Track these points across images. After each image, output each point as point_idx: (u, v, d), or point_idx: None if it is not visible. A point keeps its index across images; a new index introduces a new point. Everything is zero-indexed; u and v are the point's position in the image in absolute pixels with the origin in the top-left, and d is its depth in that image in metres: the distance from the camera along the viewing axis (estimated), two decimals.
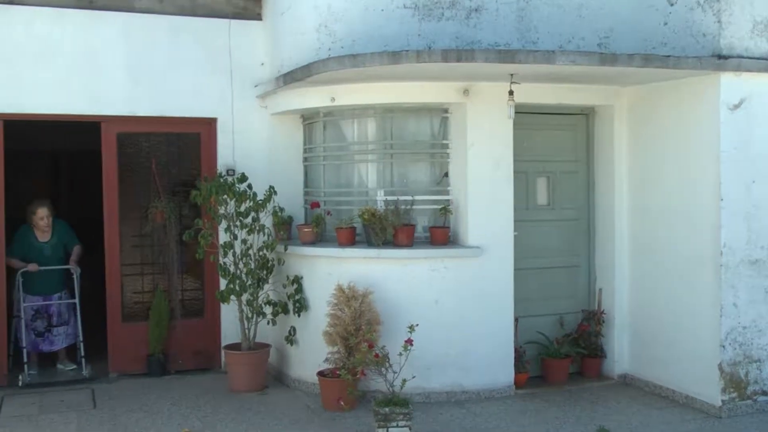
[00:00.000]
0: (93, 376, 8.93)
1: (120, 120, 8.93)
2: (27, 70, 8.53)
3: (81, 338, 9.17)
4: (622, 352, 8.75)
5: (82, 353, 9.08)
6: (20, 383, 8.64)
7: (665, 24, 7.95)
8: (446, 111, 8.38)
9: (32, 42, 8.56)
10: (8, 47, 8.49)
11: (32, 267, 9.05)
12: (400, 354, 6.99)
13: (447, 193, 8.38)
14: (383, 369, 7.02)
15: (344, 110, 8.53)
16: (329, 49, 7.84)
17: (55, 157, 13.99)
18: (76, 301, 9.31)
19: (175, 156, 9.28)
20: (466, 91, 8.08)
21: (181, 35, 8.98)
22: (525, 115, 8.26)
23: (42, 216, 9.19)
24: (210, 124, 9.15)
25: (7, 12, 8.49)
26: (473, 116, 8.12)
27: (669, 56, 7.40)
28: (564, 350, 8.63)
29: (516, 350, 8.31)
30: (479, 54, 7.10)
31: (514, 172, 8.26)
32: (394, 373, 7.00)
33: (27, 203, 9.44)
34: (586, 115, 9.00)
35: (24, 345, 8.97)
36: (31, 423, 7.43)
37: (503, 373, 8.19)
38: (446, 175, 8.40)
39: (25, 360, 8.90)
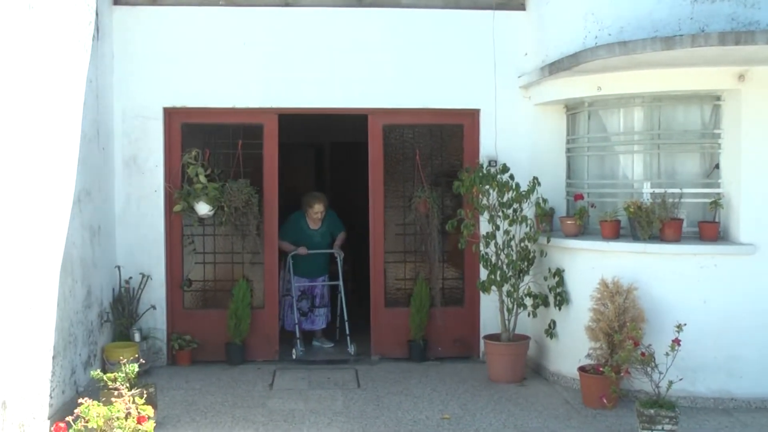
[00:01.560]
0: (357, 354, 9.31)
1: (386, 112, 9.19)
2: (300, 67, 8.97)
3: (347, 318, 9.61)
4: None
5: (348, 332, 9.53)
6: (294, 356, 9.19)
7: None
8: (718, 98, 7.88)
9: (304, 40, 8.99)
10: (283, 46, 8.98)
11: (302, 250, 9.64)
12: (667, 354, 6.68)
13: (717, 186, 7.89)
14: (649, 369, 6.72)
15: (610, 99, 8.26)
16: (596, 36, 7.63)
17: (319, 148, 14.74)
18: (340, 283, 9.79)
19: (437, 147, 9.38)
20: (741, 77, 7.55)
21: (445, 28, 9.07)
22: None
23: (318, 211, 9.78)
24: (473, 115, 9.17)
25: (283, 13, 8.99)
26: (749, 103, 7.58)
27: None
28: None
29: None
30: (760, 35, 6.66)
31: None
32: (660, 373, 6.69)
33: (302, 194, 10.07)
34: None
35: (296, 322, 9.56)
36: (302, 396, 7.85)
37: None
38: (717, 166, 7.90)
39: (297, 336, 9.47)
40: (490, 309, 8.93)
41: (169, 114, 9.01)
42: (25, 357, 6.26)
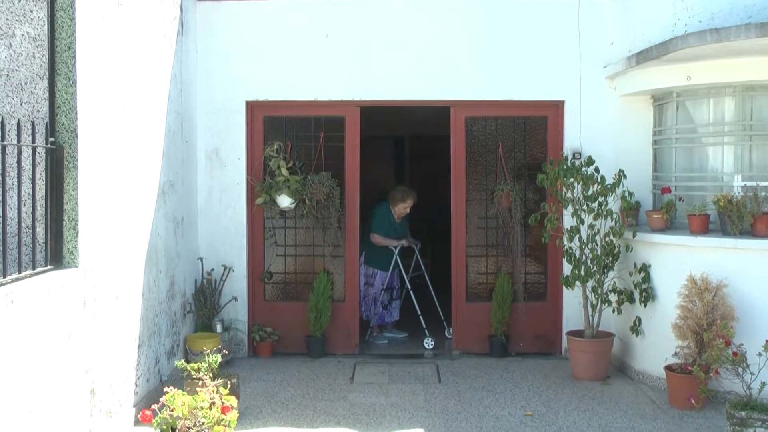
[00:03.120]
0: (450, 336, 9.60)
1: (469, 104, 9.17)
2: (382, 60, 9.04)
3: (438, 305, 9.90)
4: None
5: (443, 316, 9.87)
6: (429, 346, 9.41)
7: None
8: None
9: (387, 32, 9.05)
10: (365, 38, 9.05)
11: (406, 242, 9.96)
12: (759, 354, 6.50)
13: None
14: (740, 369, 6.55)
15: (699, 89, 8.08)
16: (685, 24, 7.47)
17: (399, 141, 14.86)
18: (424, 272, 10.18)
19: (520, 139, 9.31)
20: None
21: (528, 18, 9.00)
22: None
23: (409, 206, 9.94)
24: (557, 106, 9.08)
25: (365, 5, 9.05)
26: None
27: None
28: None
29: None
30: None
31: None
32: (752, 374, 6.51)
33: (381, 186, 10.26)
34: None
35: (419, 313, 9.79)
36: (382, 390, 7.88)
37: None
38: None
39: (424, 326, 9.69)
40: (573, 305, 8.86)
41: (252, 107, 9.15)
42: (112, 346, 6.41)
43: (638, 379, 8.20)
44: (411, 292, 9.93)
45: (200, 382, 6.12)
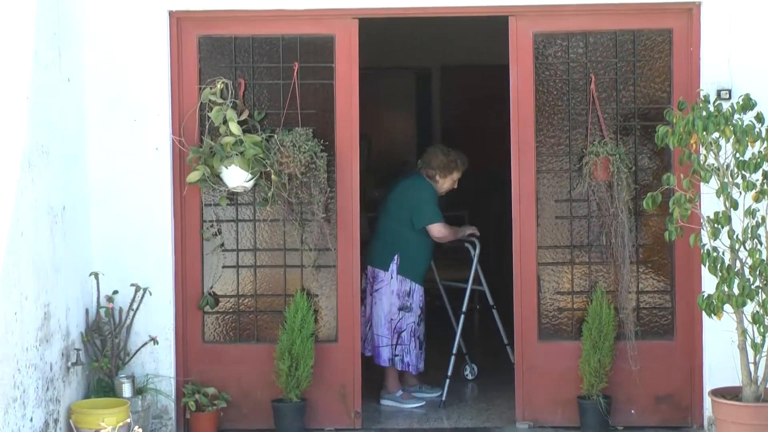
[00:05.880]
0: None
1: (539, 11, 8.95)
2: None
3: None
4: None
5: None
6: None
7: None
8: None
9: None
10: None
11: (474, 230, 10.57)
12: None
13: None
14: None
15: None
16: None
17: (423, 75, 15.28)
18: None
19: (626, 69, 9.03)
20: None
21: None
22: None
23: (457, 178, 10.21)
24: (688, 12, 8.75)
25: None
26: None
27: None
28: None
29: None
30: None
31: None
32: None
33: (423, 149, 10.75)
34: None
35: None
36: None
37: None
38: None
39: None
40: (720, 344, 8.35)
41: (179, 22, 8.94)
42: None
43: None
44: (494, 310, 10.52)
45: None
